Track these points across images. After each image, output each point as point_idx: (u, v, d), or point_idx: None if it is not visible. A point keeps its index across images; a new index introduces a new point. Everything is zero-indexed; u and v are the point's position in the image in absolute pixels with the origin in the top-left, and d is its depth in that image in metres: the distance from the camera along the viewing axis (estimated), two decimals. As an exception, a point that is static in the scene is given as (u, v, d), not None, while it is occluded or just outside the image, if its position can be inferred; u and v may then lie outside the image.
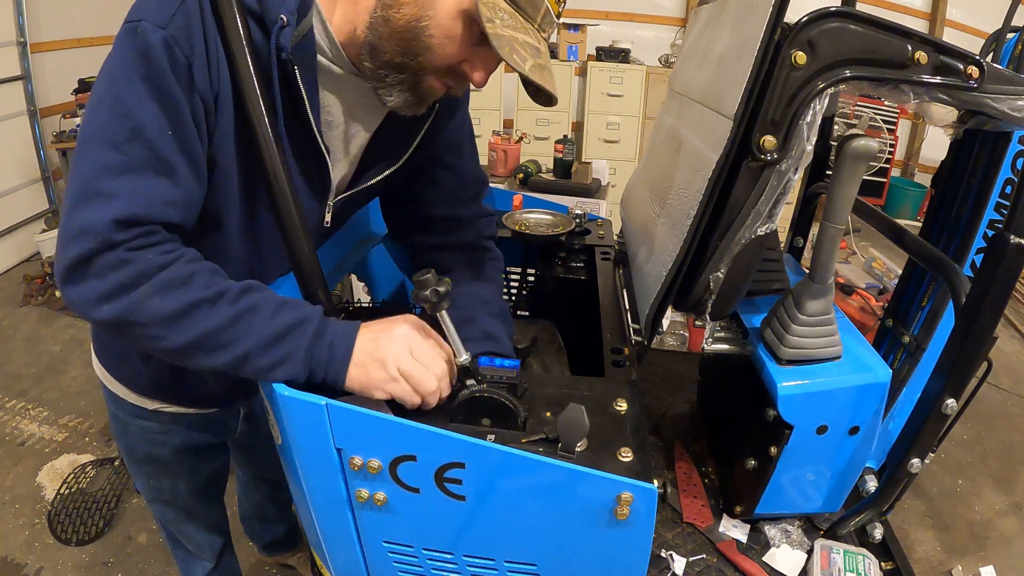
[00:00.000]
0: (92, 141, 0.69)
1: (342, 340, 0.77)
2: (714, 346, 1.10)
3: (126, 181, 0.69)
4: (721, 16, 1.00)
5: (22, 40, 3.81)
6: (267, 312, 0.74)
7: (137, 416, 1.12)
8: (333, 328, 0.78)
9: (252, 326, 0.73)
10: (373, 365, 0.77)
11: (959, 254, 1.12)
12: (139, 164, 0.69)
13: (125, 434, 1.17)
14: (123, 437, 1.19)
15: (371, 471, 0.76)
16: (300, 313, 0.77)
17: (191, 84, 0.72)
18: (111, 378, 1.10)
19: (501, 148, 3.21)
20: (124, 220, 0.68)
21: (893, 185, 5.34)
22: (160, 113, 0.70)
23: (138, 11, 0.71)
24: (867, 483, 1.07)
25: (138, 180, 0.69)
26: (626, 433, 0.80)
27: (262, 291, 0.77)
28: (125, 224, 0.68)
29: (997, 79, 0.77)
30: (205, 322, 0.71)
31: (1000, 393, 2.97)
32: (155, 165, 0.70)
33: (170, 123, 0.70)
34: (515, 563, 0.82)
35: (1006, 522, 2.26)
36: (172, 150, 0.71)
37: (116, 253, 0.68)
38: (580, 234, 1.50)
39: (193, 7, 0.72)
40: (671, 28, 5.17)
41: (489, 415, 0.80)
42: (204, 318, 0.71)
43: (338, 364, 0.77)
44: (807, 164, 0.82)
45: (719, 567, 1.04)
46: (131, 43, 0.69)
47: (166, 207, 0.71)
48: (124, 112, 0.69)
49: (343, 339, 0.77)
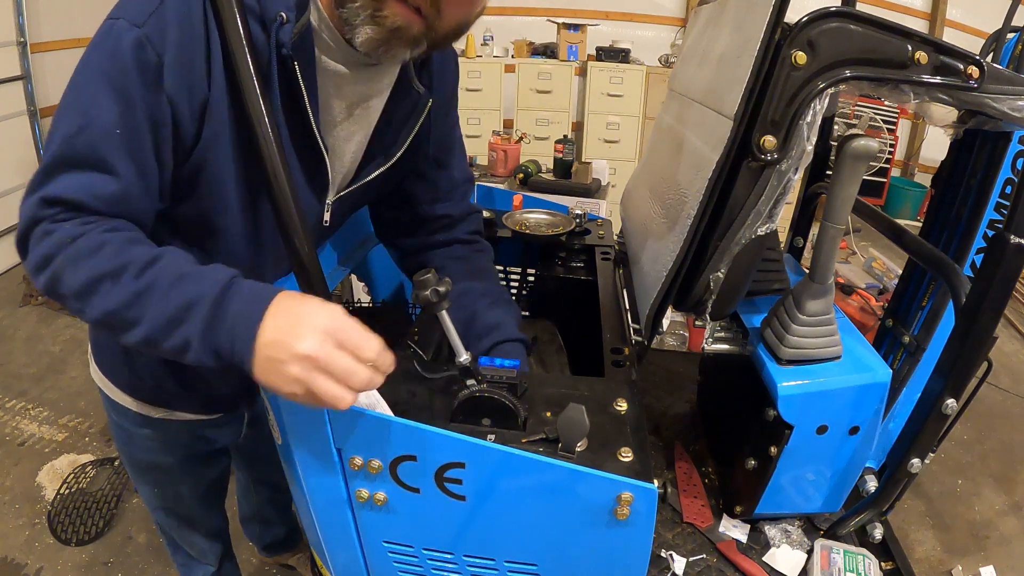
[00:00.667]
0: (52, 132, 0.72)
1: (243, 328, 0.65)
2: (714, 346, 1.10)
3: (64, 172, 0.71)
4: (721, 16, 1.00)
5: (22, 40, 3.81)
6: (163, 289, 0.67)
7: (141, 425, 1.10)
8: (233, 310, 0.66)
9: (149, 306, 0.66)
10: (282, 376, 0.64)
11: (959, 254, 1.12)
12: (80, 160, 0.71)
13: (129, 443, 1.16)
14: (126, 446, 1.17)
15: (371, 471, 0.76)
16: (194, 291, 0.67)
17: (158, 85, 0.72)
18: (111, 385, 1.07)
19: (501, 148, 3.21)
20: (50, 199, 0.70)
21: (893, 185, 5.34)
22: (113, 111, 0.71)
23: (119, 8, 0.72)
24: (867, 483, 1.08)
25: (75, 173, 0.71)
26: (626, 433, 0.80)
27: (167, 260, 0.69)
28: (50, 202, 0.70)
29: (997, 79, 0.77)
30: (108, 299, 0.67)
31: (1000, 393, 2.97)
32: (94, 162, 0.71)
33: (120, 122, 0.71)
34: (515, 563, 0.82)
35: (1006, 522, 2.26)
36: (115, 148, 0.71)
37: (42, 227, 0.70)
38: (580, 234, 1.50)
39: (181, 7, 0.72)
40: (671, 28, 5.17)
41: (489, 415, 0.80)
42: (107, 294, 0.67)
43: (241, 357, 0.65)
44: (807, 164, 0.82)
45: (719, 567, 1.04)
46: (103, 41, 0.71)
47: (95, 199, 0.71)
48: (80, 108, 0.71)
49: (244, 326, 0.65)
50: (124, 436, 1.15)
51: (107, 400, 1.11)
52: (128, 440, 1.15)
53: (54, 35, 4.07)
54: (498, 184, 3.00)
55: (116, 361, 1.05)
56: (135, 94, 0.71)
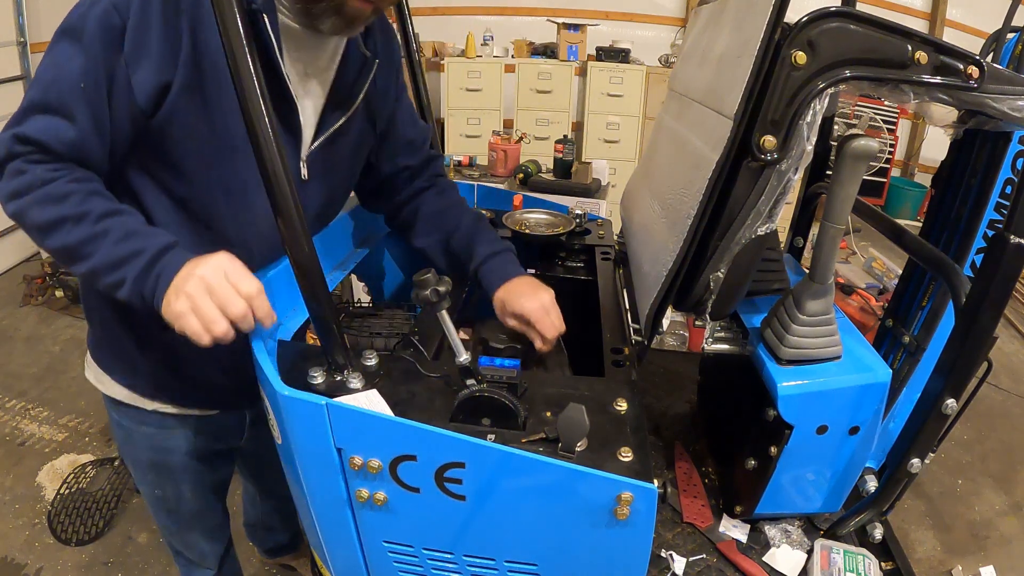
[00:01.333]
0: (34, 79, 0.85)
1: (167, 273, 0.81)
2: (714, 346, 1.10)
3: (36, 115, 0.82)
4: (721, 16, 1.00)
5: (22, 40, 3.82)
6: (114, 238, 0.82)
7: (141, 423, 1.12)
8: (167, 261, 0.81)
9: (100, 248, 0.82)
10: (178, 295, 0.79)
11: (959, 254, 1.12)
12: (49, 106, 0.82)
13: (129, 442, 1.17)
14: (127, 445, 1.18)
15: (371, 471, 0.76)
16: (140, 244, 0.82)
17: (118, 47, 0.81)
18: (109, 380, 1.09)
19: (501, 148, 3.21)
20: (22, 137, 0.81)
21: (893, 185, 5.34)
22: (80, 68, 0.80)
23: None
24: (867, 483, 1.07)
25: (44, 117, 0.82)
26: (626, 433, 0.80)
27: (123, 217, 0.84)
28: (23, 140, 0.82)
29: (997, 79, 0.77)
30: (67, 236, 0.82)
31: (1000, 393, 2.97)
32: (60, 109, 0.82)
33: (83, 79, 0.81)
34: (515, 563, 0.82)
35: (1006, 522, 2.26)
36: (77, 99, 0.81)
37: (16, 163, 0.82)
38: (580, 234, 1.50)
39: None
40: (671, 28, 5.17)
41: (489, 415, 0.80)
42: (67, 233, 0.82)
43: (159, 294, 0.81)
44: (807, 164, 0.82)
45: (719, 567, 1.04)
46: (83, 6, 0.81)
47: (58, 142, 0.82)
48: (55, 62, 0.82)
49: (168, 272, 0.81)
50: (124, 435, 1.16)
51: (107, 399, 1.12)
52: (128, 439, 1.16)
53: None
54: (498, 184, 3.00)
55: (116, 355, 1.08)
56: (96, 55, 0.80)
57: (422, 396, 0.86)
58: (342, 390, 0.83)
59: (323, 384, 0.84)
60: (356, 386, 0.83)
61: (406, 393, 0.86)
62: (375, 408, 0.78)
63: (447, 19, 5.19)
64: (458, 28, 4.91)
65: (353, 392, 0.82)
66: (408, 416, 0.76)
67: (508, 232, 1.43)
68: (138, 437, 1.15)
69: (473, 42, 4.68)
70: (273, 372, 0.80)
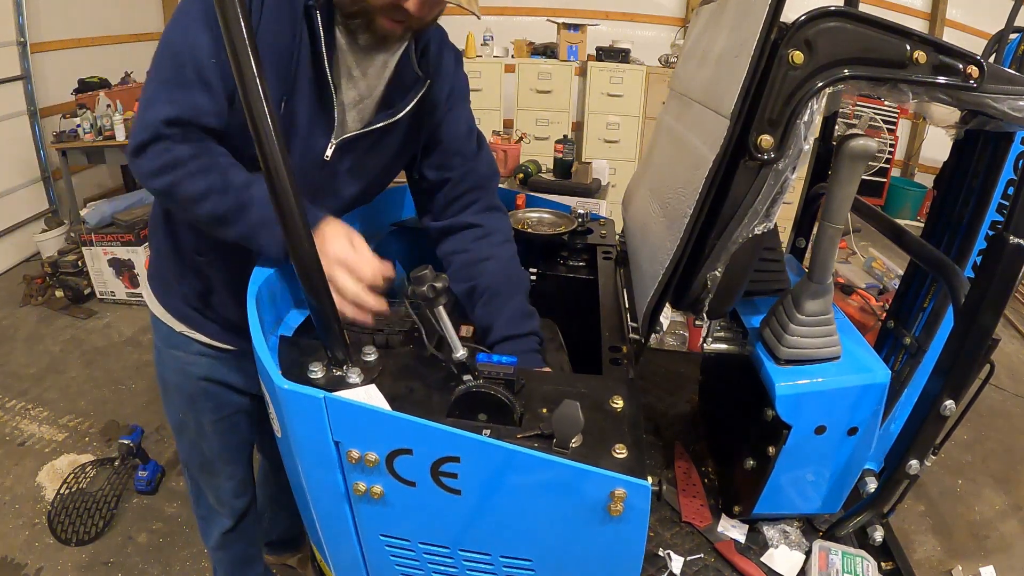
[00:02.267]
0: (162, 58, 0.94)
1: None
2: (713, 346, 1.10)
3: (177, 93, 0.92)
4: (721, 16, 1.00)
5: (22, 40, 3.82)
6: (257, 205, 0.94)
7: (170, 345, 1.27)
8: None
9: (246, 215, 0.95)
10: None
11: (961, 255, 1.12)
12: (188, 81, 0.92)
13: (160, 362, 1.32)
14: (159, 366, 1.33)
15: (368, 464, 0.76)
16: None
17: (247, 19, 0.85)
18: (157, 303, 1.25)
19: (501, 148, 3.21)
20: (171, 120, 0.92)
21: (893, 185, 5.34)
22: (210, 43, 0.90)
23: None
24: (867, 484, 1.07)
25: (186, 93, 0.92)
26: (621, 430, 0.80)
27: (258, 186, 0.94)
28: (171, 123, 0.92)
29: (997, 79, 0.77)
30: (217, 206, 0.94)
31: (1000, 393, 2.97)
32: (199, 83, 0.92)
33: (215, 52, 0.91)
34: (510, 558, 0.82)
35: (1006, 522, 2.26)
36: (214, 73, 0.92)
37: (162, 143, 0.92)
38: (582, 233, 1.51)
39: None
40: (671, 28, 5.17)
41: (485, 410, 0.81)
42: (217, 203, 0.94)
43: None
44: (805, 164, 0.82)
45: (717, 567, 1.04)
46: None
47: (204, 115, 0.94)
48: (185, 41, 0.92)
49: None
50: (158, 355, 1.32)
51: (152, 319, 1.29)
52: (160, 359, 1.32)
53: (54, 35, 4.07)
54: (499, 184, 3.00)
55: (161, 279, 1.24)
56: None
57: (420, 391, 0.86)
58: (341, 385, 0.83)
59: (322, 379, 0.84)
60: (355, 381, 0.84)
61: (404, 388, 0.86)
62: (373, 403, 0.78)
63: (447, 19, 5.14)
64: (458, 28, 4.90)
65: (352, 387, 0.83)
66: (405, 411, 0.76)
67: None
68: (167, 358, 1.29)
69: (473, 42, 4.69)
70: (273, 366, 0.80)
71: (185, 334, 1.25)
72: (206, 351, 1.26)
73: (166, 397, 1.37)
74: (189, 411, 1.33)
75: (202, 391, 1.30)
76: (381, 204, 1.44)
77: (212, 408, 1.33)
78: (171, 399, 1.35)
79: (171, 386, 1.33)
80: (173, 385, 1.33)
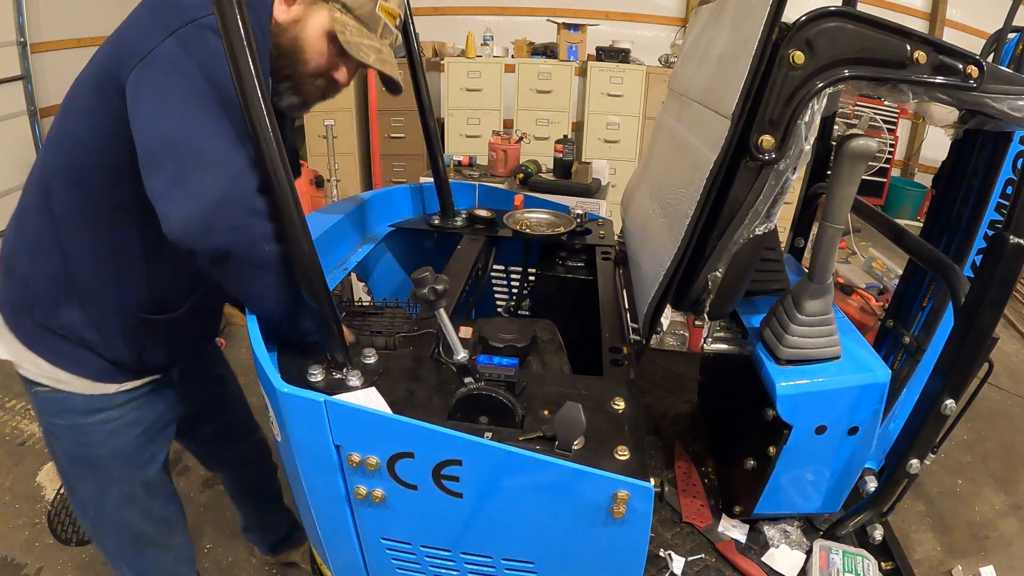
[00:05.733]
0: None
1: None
2: (713, 346, 1.10)
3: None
4: (721, 16, 1.00)
5: (22, 40, 3.81)
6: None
7: (95, 411, 1.06)
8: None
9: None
10: None
11: (960, 254, 1.12)
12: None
13: (82, 443, 1.08)
14: (80, 448, 1.09)
15: (369, 468, 0.76)
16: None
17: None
18: (60, 373, 1.02)
19: (501, 148, 3.21)
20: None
21: (893, 185, 5.34)
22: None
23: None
24: (867, 484, 1.07)
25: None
26: (623, 432, 0.80)
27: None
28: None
29: (997, 79, 0.77)
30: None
31: (1000, 393, 2.96)
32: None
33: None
34: (512, 561, 0.82)
35: (1006, 522, 2.26)
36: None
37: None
38: (581, 234, 1.51)
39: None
40: (671, 28, 5.16)
41: (487, 413, 0.81)
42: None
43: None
44: (806, 164, 0.82)
45: (718, 567, 1.04)
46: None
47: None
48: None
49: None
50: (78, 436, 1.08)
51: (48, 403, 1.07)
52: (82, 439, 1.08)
53: (54, 35, 4.06)
54: (498, 184, 3.00)
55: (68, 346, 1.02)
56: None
57: (420, 394, 0.86)
58: (341, 388, 0.83)
59: (322, 382, 0.84)
60: (355, 384, 0.84)
61: (405, 391, 0.86)
62: (373, 406, 0.78)
63: (447, 19, 5.19)
64: (458, 28, 4.91)
65: (352, 390, 0.82)
66: (406, 414, 0.76)
67: (509, 232, 1.43)
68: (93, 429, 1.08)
69: (473, 42, 4.68)
70: (273, 370, 0.80)
71: (121, 391, 1.07)
72: (140, 389, 1.10)
73: (95, 479, 1.13)
74: (132, 477, 1.14)
75: (144, 443, 1.14)
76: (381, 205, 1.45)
77: (151, 457, 1.16)
78: (103, 478, 1.12)
79: (107, 458, 1.11)
80: (110, 454, 1.10)
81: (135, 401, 1.10)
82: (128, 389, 1.09)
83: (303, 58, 0.98)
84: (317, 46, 0.98)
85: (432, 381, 0.88)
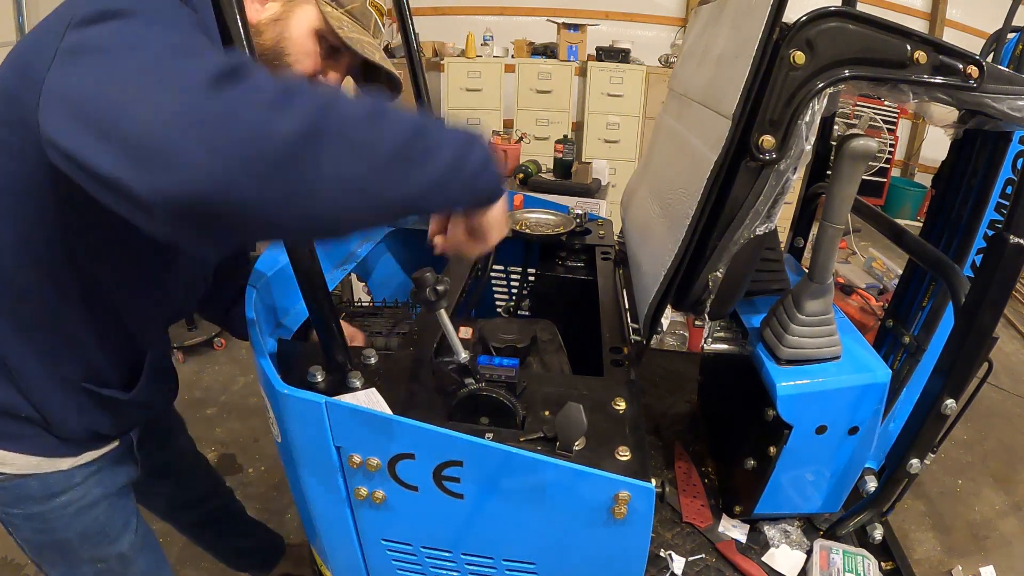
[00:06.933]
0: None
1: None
2: (713, 346, 1.10)
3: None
4: (720, 16, 1.00)
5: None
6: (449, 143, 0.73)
7: (54, 496, 0.94)
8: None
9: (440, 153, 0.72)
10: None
11: (960, 254, 1.12)
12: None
13: (44, 530, 0.97)
14: (42, 535, 0.97)
15: (370, 469, 0.76)
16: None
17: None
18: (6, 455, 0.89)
19: (501, 148, 3.21)
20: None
21: (893, 185, 5.34)
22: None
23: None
24: (867, 483, 1.07)
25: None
26: (624, 432, 0.80)
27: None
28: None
29: (997, 79, 0.77)
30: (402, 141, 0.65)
31: (1000, 393, 2.97)
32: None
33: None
34: (513, 562, 0.82)
35: (1006, 522, 2.26)
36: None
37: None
38: (581, 234, 1.51)
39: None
40: (671, 28, 5.17)
41: (487, 413, 0.81)
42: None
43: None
44: (806, 164, 0.82)
45: (718, 567, 1.04)
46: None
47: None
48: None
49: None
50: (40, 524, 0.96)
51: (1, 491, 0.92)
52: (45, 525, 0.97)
53: (55, 35, 4.06)
54: (498, 184, 3.00)
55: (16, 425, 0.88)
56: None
57: (421, 395, 0.86)
58: (342, 389, 0.83)
59: (323, 383, 0.84)
60: (356, 385, 0.84)
61: (405, 392, 0.86)
62: (374, 407, 0.78)
63: (447, 19, 5.19)
64: (458, 28, 4.91)
65: (353, 391, 0.82)
66: (407, 415, 0.76)
67: (509, 232, 1.43)
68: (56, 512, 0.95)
69: (473, 42, 4.68)
70: (273, 371, 0.80)
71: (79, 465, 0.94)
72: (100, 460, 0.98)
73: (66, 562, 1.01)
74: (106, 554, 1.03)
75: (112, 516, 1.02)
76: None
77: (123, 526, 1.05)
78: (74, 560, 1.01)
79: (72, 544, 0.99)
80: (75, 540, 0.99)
81: (95, 476, 0.97)
82: (86, 463, 0.95)
83: (288, 62, 0.86)
84: (304, 46, 0.86)
85: (432, 382, 0.88)
